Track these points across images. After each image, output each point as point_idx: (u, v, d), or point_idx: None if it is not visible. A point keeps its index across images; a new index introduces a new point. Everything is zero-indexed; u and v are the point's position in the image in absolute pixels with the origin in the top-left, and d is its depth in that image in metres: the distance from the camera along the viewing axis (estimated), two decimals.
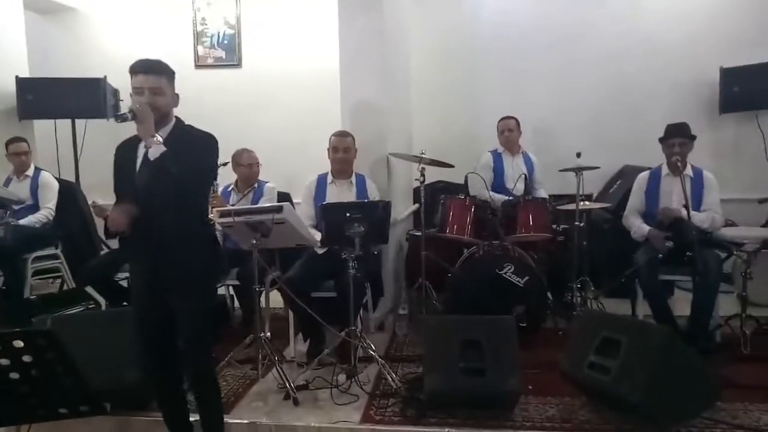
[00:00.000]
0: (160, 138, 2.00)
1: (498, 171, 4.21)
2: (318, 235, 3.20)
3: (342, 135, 3.56)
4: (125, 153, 2.13)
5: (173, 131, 2.11)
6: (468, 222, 3.68)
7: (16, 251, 3.94)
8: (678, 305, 3.50)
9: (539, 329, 3.42)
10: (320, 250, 3.35)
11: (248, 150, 3.77)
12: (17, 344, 1.39)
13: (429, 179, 3.87)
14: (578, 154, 3.75)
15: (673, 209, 3.33)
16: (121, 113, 2.02)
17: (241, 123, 5.04)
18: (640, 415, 2.41)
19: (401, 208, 4.22)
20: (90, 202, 3.67)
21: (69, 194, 4.41)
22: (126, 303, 3.41)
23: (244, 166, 3.72)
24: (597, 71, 4.92)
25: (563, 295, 3.88)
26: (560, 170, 3.88)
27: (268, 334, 3.00)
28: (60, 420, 1.54)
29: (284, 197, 3.79)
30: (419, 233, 3.75)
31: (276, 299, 3.49)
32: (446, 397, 2.59)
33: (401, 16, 4.40)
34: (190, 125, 2.18)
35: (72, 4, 5.44)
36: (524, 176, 3.89)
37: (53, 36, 5.51)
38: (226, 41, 5.35)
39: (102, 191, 4.68)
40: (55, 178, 4.35)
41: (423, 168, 3.70)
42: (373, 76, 3.82)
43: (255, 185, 3.75)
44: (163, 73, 2.08)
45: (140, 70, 2.05)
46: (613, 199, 4.26)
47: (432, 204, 3.86)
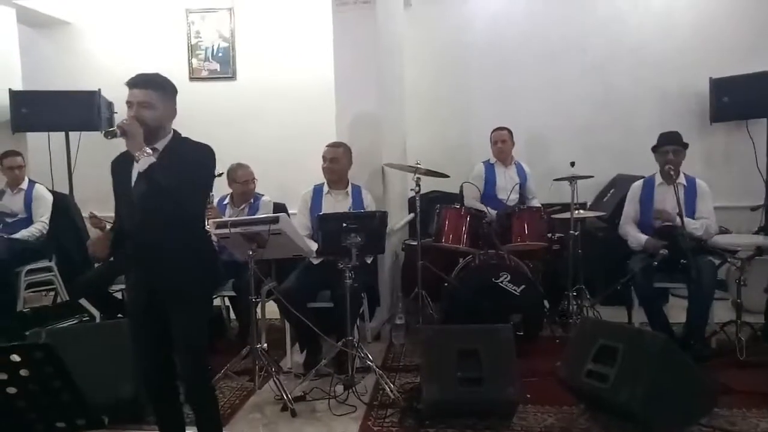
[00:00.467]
0: (149, 150, 2.00)
1: (490, 182, 4.24)
2: (314, 246, 3.20)
3: (332, 145, 3.55)
4: (122, 167, 2.12)
5: (170, 144, 2.11)
6: (463, 231, 3.70)
7: (9, 265, 3.92)
8: (673, 312, 3.52)
9: (536, 338, 3.42)
10: (316, 261, 3.34)
11: (243, 166, 3.73)
12: (14, 358, 1.37)
13: (424, 189, 3.90)
14: (572, 164, 3.78)
15: (668, 211, 3.34)
16: (110, 129, 2.01)
17: (236, 134, 5.05)
18: (639, 423, 2.41)
19: (397, 218, 4.23)
20: (88, 214, 3.65)
21: (63, 207, 4.39)
22: (121, 315, 3.38)
23: (240, 183, 3.69)
24: (588, 82, 4.98)
25: (559, 304, 3.89)
26: (555, 179, 3.91)
27: (265, 345, 2.99)
28: None
29: (280, 208, 3.79)
30: (415, 243, 3.76)
31: (272, 310, 3.47)
32: (444, 407, 2.58)
33: (395, 29, 4.44)
34: (187, 137, 2.18)
35: (66, 18, 5.45)
36: (518, 186, 3.91)
37: (47, 49, 5.52)
38: (221, 54, 5.37)
39: (97, 204, 4.65)
40: (49, 191, 4.33)
41: (418, 178, 3.72)
42: (368, 88, 3.84)
43: (251, 200, 3.75)
44: (153, 87, 2.05)
45: (131, 84, 2.05)
46: (607, 208, 4.29)
47: (427, 214, 3.87)
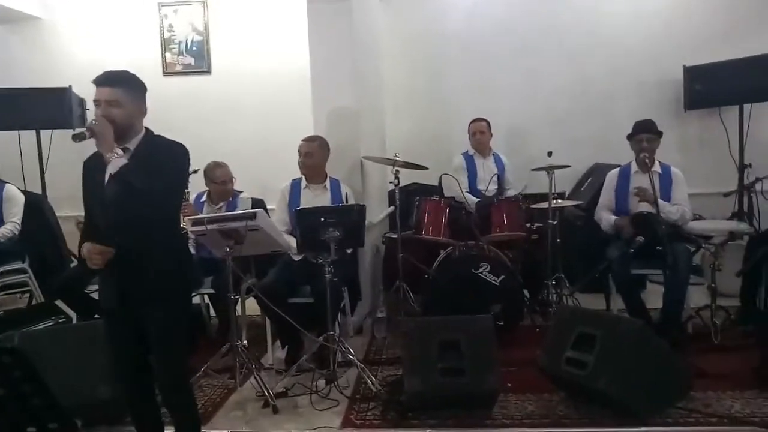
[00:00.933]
0: (121, 152, 1.95)
1: (471, 172, 4.25)
2: (293, 241, 3.18)
3: (307, 140, 3.51)
4: (94, 167, 2.07)
5: (142, 143, 2.06)
6: (443, 223, 3.71)
7: None
8: (651, 298, 3.57)
9: (516, 327, 3.44)
10: (296, 257, 3.32)
11: (221, 165, 3.67)
12: None
13: (403, 182, 3.89)
14: (549, 153, 3.81)
15: (647, 188, 3.37)
16: (78, 132, 1.95)
17: (213, 129, 4.98)
18: (617, 408, 2.45)
19: (376, 211, 4.22)
20: (75, 222, 3.64)
21: (35, 207, 4.29)
22: (98, 316, 3.33)
23: (217, 184, 3.64)
24: (564, 72, 5.00)
25: (539, 293, 3.93)
26: (532, 169, 3.93)
27: (245, 342, 2.96)
28: None
29: (258, 205, 3.75)
30: (395, 236, 3.76)
31: (253, 307, 3.45)
32: (426, 399, 2.59)
33: (371, 22, 4.41)
34: (160, 135, 2.13)
35: (35, 14, 5.30)
36: (496, 176, 3.92)
37: (16, 46, 5.37)
38: (195, 47, 5.29)
39: (71, 203, 4.61)
40: (21, 191, 4.23)
41: (397, 170, 3.71)
42: (345, 80, 3.82)
43: (229, 198, 3.70)
44: (120, 84, 2.01)
45: (97, 83, 2.00)
46: (585, 197, 4.33)
47: (407, 206, 3.87)
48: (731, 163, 4.57)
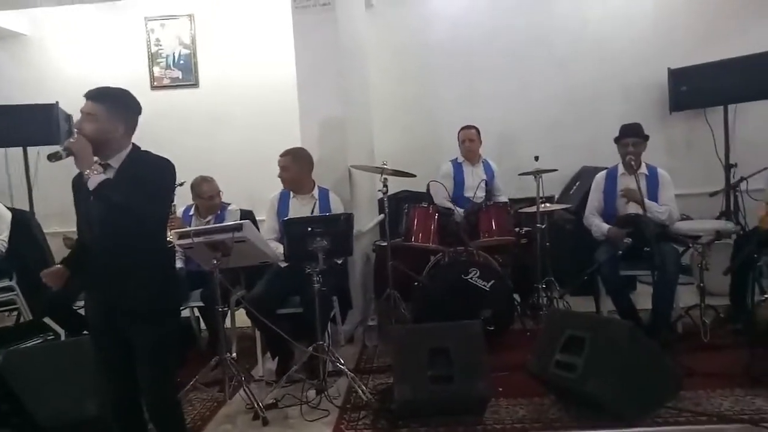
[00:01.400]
0: (100, 168, 1.95)
1: (458, 180, 4.25)
2: (281, 248, 3.16)
3: (281, 154, 3.49)
4: (79, 184, 2.07)
5: (126, 159, 2.06)
6: (432, 229, 3.71)
7: None
8: (642, 299, 3.57)
9: (507, 331, 3.44)
10: (285, 266, 3.31)
11: (207, 180, 3.65)
12: None
13: (393, 189, 3.89)
14: (536, 158, 3.83)
15: (634, 189, 3.38)
16: (53, 152, 1.94)
17: (201, 142, 4.99)
18: (608, 410, 2.44)
19: (366, 220, 4.22)
20: (63, 238, 3.66)
21: (23, 224, 4.26)
22: (86, 332, 3.30)
23: (204, 199, 3.63)
24: (551, 78, 5.04)
25: (530, 297, 3.92)
26: (520, 174, 3.94)
27: (234, 355, 2.94)
28: None
29: (246, 216, 3.74)
30: (385, 243, 3.75)
31: (243, 318, 3.43)
32: (417, 406, 2.57)
33: (357, 32, 4.43)
34: (147, 151, 2.13)
35: (21, 30, 5.32)
36: (484, 182, 3.93)
37: (2, 62, 5.37)
38: (182, 61, 5.31)
39: (59, 220, 4.59)
40: (8, 208, 4.21)
41: (385, 179, 3.71)
42: (331, 90, 3.83)
43: (218, 211, 3.70)
44: (102, 100, 2.00)
45: (85, 96, 2.02)
46: (574, 200, 4.35)
47: (397, 214, 3.87)
48: (717, 164, 4.60)
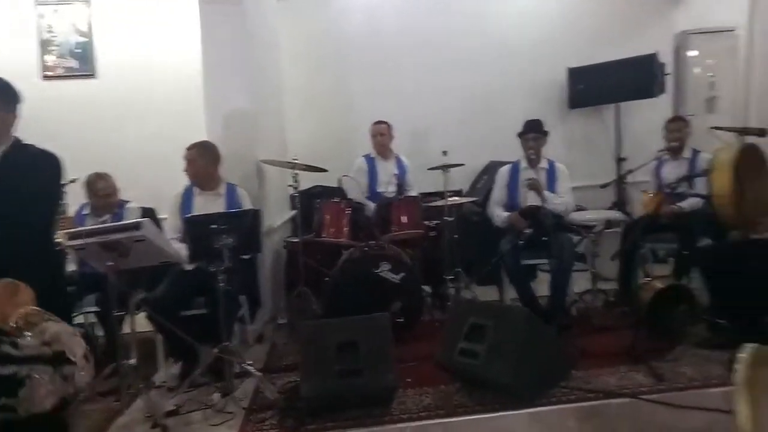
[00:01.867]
0: None
1: (372, 175, 4.27)
2: (184, 250, 3.04)
3: (187, 148, 3.39)
4: None
5: (8, 152, 1.91)
6: (344, 225, 3.71)
7: None
8: (541, 287, 3.76)
9: (417, 323, 3.51)
10: (189, 266, 3.19)
11: (103, 176, 3.46)
12: None
13: (307, 184, 3.86)
14: (444, 153, 3.92)
15: (537, 180, 3.60)
16: None
17: (100, 136, 4.67)
18: (508, 392, 2.56)
19: (277, 216, 4.15)
20: None
21: None
22: None
23: (100, 197, 3.44)
24: (460, 74, 5.18)
25: (439, 288, 4.03)
26: (428, 169, 4.03)
27: (133, 361, 2.79)
28: None
29: (147, 213, 3.56)
30: (296, 240, 3.71)
31: (144, 322, 3.26)
32: (324, 402, 2.57)
33: (268, 22, 4.34)
34: (31, 144, 1.99)
35: None
36: (395, 177, 3.99)
37: None
38: (79, 50, 4.94)
39: None
40: None
41: (296, 174, 3.67)
42: (240, 82, 3.73)
43: (115, 209, 3.50)
44: None
45: None
46: (481, 193, 4.51)
47: (310, 210, 3.84)
48: (611, 158, 4.93)
